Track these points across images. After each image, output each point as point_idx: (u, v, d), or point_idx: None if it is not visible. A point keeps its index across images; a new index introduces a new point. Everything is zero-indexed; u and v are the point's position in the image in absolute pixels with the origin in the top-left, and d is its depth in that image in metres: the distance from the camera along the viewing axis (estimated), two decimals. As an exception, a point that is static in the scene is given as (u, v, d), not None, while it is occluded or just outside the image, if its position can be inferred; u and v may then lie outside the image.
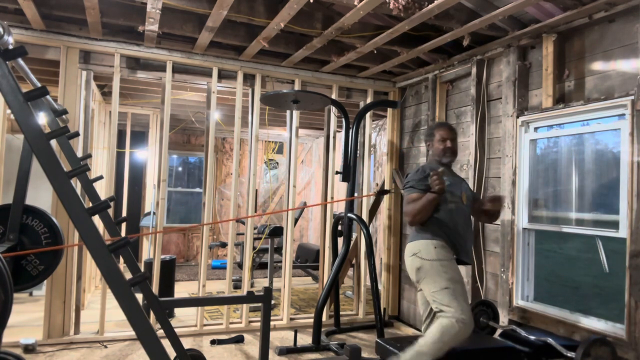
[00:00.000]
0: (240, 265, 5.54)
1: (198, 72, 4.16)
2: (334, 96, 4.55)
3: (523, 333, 2.79)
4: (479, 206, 2.96)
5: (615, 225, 2.79)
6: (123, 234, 3.46)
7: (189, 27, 3.61)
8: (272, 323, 4.00)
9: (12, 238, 2.67)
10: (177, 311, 4.59)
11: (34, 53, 3.63)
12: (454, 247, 2.71)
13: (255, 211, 4.45)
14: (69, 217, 1.77)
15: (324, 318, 4.06)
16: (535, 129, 3.35)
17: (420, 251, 2.66)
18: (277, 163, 8.68)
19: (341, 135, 4.49)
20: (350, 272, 5.46)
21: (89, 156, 3.06)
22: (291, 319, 4.44)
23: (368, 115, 4.66)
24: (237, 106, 4.25)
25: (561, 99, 3.14)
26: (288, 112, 4.60)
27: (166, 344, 1.97)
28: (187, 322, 4.25)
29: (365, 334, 4.30)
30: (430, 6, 2.90)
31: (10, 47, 1.82)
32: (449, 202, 2.73)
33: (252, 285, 5.95)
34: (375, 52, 3.89)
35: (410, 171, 3.03)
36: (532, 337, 2.72)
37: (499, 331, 2.99)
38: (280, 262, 4.86)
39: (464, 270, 3.37)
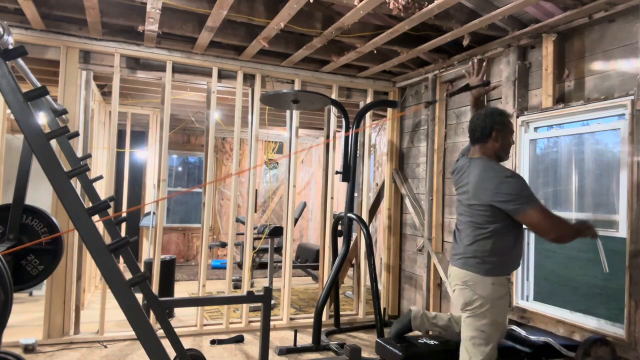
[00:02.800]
0: (240, 265, 5.54)
1: (198, 72, 4.16)
2: (334, 96, 4.55)
3: (523, 333, 2.79)
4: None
5: (615, 225, 2.79)
6: (123, 234, 3.46)
7: (189, 27, 3.61)
8: (272, 323, 4.00)
9: (12, 238, 2.67)
10: (177, 311, 4.59)
11: (34, 53, 3.63)
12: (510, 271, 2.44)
13: (255, 211, 4.44)
14: (69, 217, 1.77)
15: (324, 318, 4.06)
16: (535, 128, 3.35)
17: (475, 284, 2.31)
18: (277, 163, 8.68)
19: (341, 135, 4.49)
20: (350, 272, 5.45)
21: (89, 156, 3.06)
22: (291, 319, 4.43)
23: (368, 115, 4.66)
24: (237, 106, 4.25)
25: (561, 99, 3.14)
26: (288, 112, 4.60)
27: (166, 344, 1.97)
28: (187, 322, 4.25)
29: (365, 334, 4.30)
30: (430, 6, 2.90)
31: (10, 47, 1.82)
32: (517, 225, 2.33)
33: (252, 285, 5.95)
34: (375, 52, 3.89)
35: (506, 185, 2.24)
36: (532, 337, 2.72)
37: (499, 331, 2.99)
38: (280, 262, 4.86)
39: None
